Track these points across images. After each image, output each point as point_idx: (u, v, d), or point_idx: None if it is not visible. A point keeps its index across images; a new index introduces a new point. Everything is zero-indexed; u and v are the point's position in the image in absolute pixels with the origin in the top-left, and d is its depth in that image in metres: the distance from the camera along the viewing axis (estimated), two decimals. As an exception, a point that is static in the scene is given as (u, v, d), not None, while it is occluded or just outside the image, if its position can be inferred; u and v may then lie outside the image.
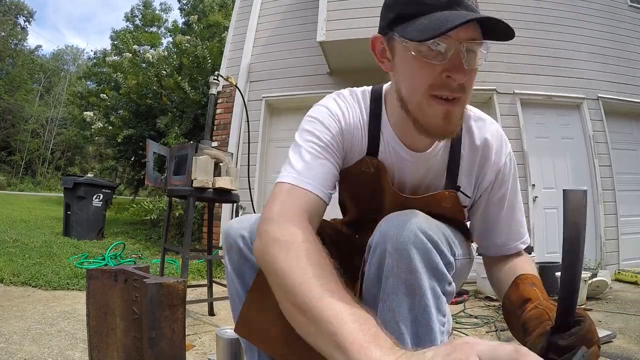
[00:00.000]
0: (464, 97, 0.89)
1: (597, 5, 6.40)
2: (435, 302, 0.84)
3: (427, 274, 0.82)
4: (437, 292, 0.84)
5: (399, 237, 0.83)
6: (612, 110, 5.93)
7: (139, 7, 26.42)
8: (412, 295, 0.82)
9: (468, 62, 0.85)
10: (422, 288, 0.81)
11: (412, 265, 0.81)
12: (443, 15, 0.79)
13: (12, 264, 4.02)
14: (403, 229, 0.83)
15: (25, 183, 31.09)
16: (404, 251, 0.81)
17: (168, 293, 0.72)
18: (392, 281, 0.83)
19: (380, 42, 0.97)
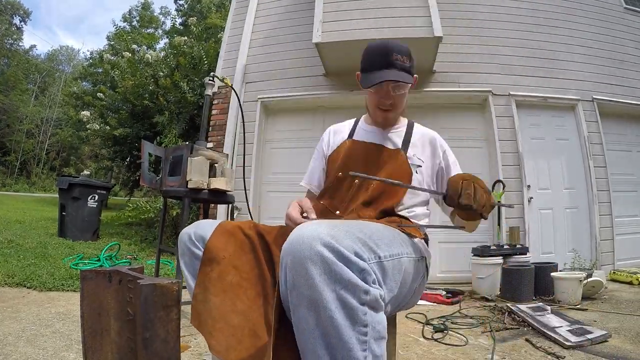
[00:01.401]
0: (395, 109, 1.58)
1: (592, 8, 6.45)
2: (347, 314, 0.82)
3: (331, 286, 0.82)
4: (349, 303, 0.82)
5: (296, 251, 0.84)
6: (607, 111, 5.96)
7: (137, 8, 26.35)
8: (315, 310, 0.82)
9: (393, 92, 1.52)
10: (324, 302, 0.81)
11: (309, 279, 0.81)
12: (378, 74, 1.45)
13: (7, 265, 4.01)
14: (301, 242, 0.84)
15: (20, 184, 30.90)
16: (300, 265, 0.82)
17: (162, 294, 0.72)
18: (295, 295, 0.85)
19: (358, 77, 1.56)
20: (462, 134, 5.72)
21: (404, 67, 1.45)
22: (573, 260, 5.10)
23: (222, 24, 11.22)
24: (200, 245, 1.25)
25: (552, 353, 2.41)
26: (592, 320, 3.20)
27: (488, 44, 5.92)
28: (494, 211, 5.24)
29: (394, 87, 1.50)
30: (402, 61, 1.45)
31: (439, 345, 2.65)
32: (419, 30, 4.90)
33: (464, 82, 5.74)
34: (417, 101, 5.70)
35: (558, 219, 5.58)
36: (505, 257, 4.51)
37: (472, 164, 5.59)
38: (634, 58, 6.34)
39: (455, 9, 6.00)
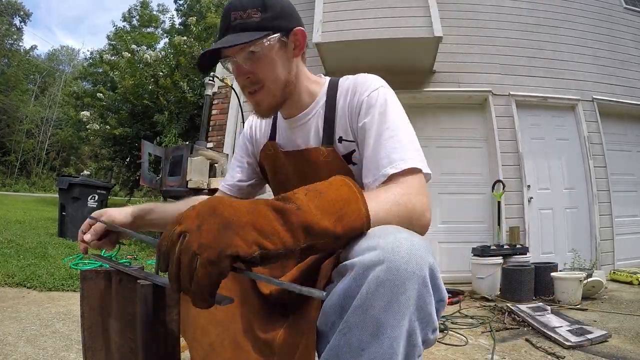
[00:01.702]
0: (263, 87, 1.08)
1: (592, 8, 6.45)
2: (406, 352, 0.65)
3: (412, 315, 0.64)
4: (415, 340, 0.66)
5: (399, 263, 0.63)
6: (607, 111, 5.96)
7: (137, 7, 26.35)
8: (379, 340, 0.63)
9: (241, 63, 1.05)
10: (395, 333, 0.63)
11: (395, 301, 0.63)
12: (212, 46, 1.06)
13: (7, 265, 4.01)
14: (400, 249, 0.65)
15: (20, 184, 30.92)
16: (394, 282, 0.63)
17: (162, 294, 0.72)
18: (359, 314, 0.64)
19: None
20: (462, 134, 5.72)
21: (244, 25, 1.02)
22: (573, 260, 5.09)
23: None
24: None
25: (552, 353, 2.41)
26: (592, 320, 3.20)
27: (488, 44, 5.92)
28: (494, 211, 5.27)
29: (246, 57, 1.05)
30: (244, 17, 1.03)
31: (439, 345, 2.65)
32: (419, 30, 4.89)
33: (464, 82, 5.74)
34: (417, 101, 5.70)
35: (558, 219, 5.57)
36: (505, 257, 4.51)
37: (472, 164, 5.60)
38: (634, 58, 6.34)
39: (455, 9, 6.00)
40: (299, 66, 1.16)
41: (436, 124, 5.78)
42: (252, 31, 1.02)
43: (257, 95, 1.09)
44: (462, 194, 5.49)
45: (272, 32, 1.04)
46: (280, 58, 1.08)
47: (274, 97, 1.10)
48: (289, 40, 1.09)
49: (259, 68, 1.06)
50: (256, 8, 1.02)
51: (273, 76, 1.08)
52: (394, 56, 5.27)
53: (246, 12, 1.02)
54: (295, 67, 1.13)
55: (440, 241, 5.34)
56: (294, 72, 1.13)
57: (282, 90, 1.11)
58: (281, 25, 1.06)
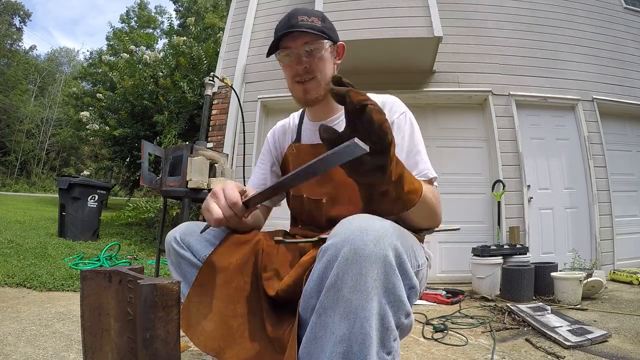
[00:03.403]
0: (314, 76, 1.29)
1: (592, 7, 6.45)
2: (381, 335, 0.69)
3: (380, 297, 0.68)
4: (388, 323, 0.69)
5: (358, 245, 0.68)
6: (607, 111, 5.96)
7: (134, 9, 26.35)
8: (351, 320, 0.66)
9: (305, 56, 1.27)
10: (365, 313, 0.66)
11: (361, 282, 0.67)
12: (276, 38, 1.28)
13: (7, 265, 4.01)
14: (366, 235, 0.69)
15: (20, 184, 30.94)
16: (356, 262, 0.67)
17: (162, 294, 0.72)
18: (331, 295, 0.69)
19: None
20: (462, 134, 5.72)
21: (309, 26, 1.24)
22: (573, 260, 5.09)
23: (220, 24, 11.23)
24: (185, 245, 1.22)
25: (552, 353, 2.41)
26: (592, 320, 3.20)
27: (488, 44, 5.92)
28: (494, 211, 5.28)
29: (306, 50, 1.26)
30: (309, 21, 1.25)
31: (439, 345, 2.65)
32: (419, 30, 4.89)
33: (464, 82, 5.74)
34: (417, 101, 5.70)
35: (558, 219, 5.57)
36: (505, 257, 4.51)
37: (472, 164, 5.60)
38: (634, 58, 6.34)
39: (455, 9, 6.00)
40: (338, 63, 1.39)
41: (436, 124, 5.78)
42: (316, 32, 1.24)
43: (308, 84, 1.29)
44: (462, 194, 5.49)
45: (328, 39, 1.28)
46: (329, 61, 1.32)
47: (320, 90, 1.31)
48: (336, 50, 1.36)
49: (314, 62, 1.27)
50: (318, 17, 1.27)
51: (324, 71, 1.30)
52: (394, 56, 5.27)
53: (311, 18, 1.26)
54: (333, 72, 1.35)
55: (440, 241, 5.34)
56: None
57: (325, 88, 1.31)
58: (333, 36, 1.31)
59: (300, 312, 0.78)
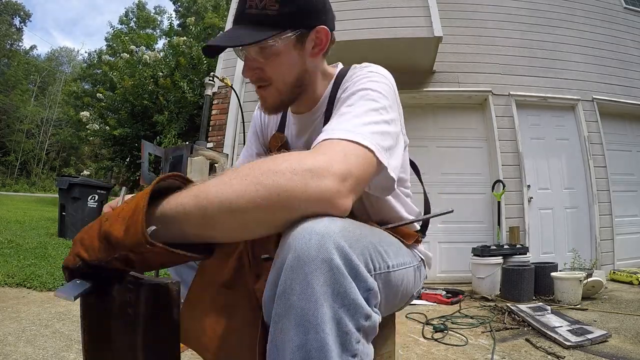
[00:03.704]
0: (271, 84, 1.03)
1: (592, 7, 6.45)
2: (340, 339, 0.65)
3: (332, 302, 0.65)
4: (345, 327, 0.66)
5: (301, 249, 0.65)
6: (607, 111, 5.96)
7: (133, 10, 26.36)
8: (304, 328, 0.64)
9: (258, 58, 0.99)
10: (318, 320, 0.64)
11: (307, 288, 0.64)
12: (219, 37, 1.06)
13: (7, 265, 4.01)
14: (309, 239, 0.65)
15: (20, 184, 30.95)
16: (300, 268, 0.64)
17: (163, 294, 0.72)
18: (282, 303, 0.66)
19: None
20: (462, 134, 5.72)
21: (258, 17, 0.95)
22: (573, 260, 5.09)
23: (220, 24, 11.24)
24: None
25: (552, 353, 2.41)
26: (592, 320, 3.21)
27: (488, 44, 5.92)
28: (494, 211, 5.27)
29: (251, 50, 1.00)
30: (260, 6, 0.94)
31: (439, 345, 2.65)
32: (419, 30, 4.89)
33: (464, 82, 5.74)
34: (417, 101, 5.70)
35: (558, 219, 5.57)
36: (505, 257, 4.51)
37: (472, 164, 5.60)
38: (634, 58, 6.34)
39: (455, 9, 6.00)
40: (317, 65, 1.09)
41: (436, 124, 5.78)
42: (265, 26, 0.94)
43: (264, 91, 1.05)
44: (462, 194, 5.49)
45: (289, 29, 0.96)
46: (293, 57, 1.01)
47: (280, 97, 1.06)
48: (309, 37, 1.01)
49: (268, 65, 1.00)
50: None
51: (282, 76, 1.02)
52: (394, 56, 5.26)
53: (263, 1, 0.94)
54: (312, 67, 1.07)
55: (440, 241, 5.34)
56: (310, 72, 1.07)
57: (291, 91, 1.06)
58: (301, 22, 0.98)
59: (264, 320, 0.75)
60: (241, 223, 0.69)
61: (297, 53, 1.01)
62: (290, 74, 1.03)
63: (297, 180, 0.67)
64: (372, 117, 0.86)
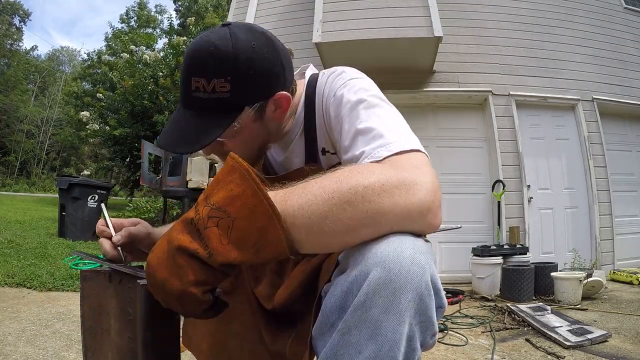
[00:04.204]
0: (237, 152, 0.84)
1: (592, 7, 6.45)
2: (406, 356, 0.63)
3: (412, 319, 0.62)
4: (414, 344, 0.64)
5: (394, 265, 0.61)
6: (607, 111, 5.96)
7: (134, 8, 26.35)
8: (379, 342, 0.61)
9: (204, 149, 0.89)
10: (396, 337, 0.61)
11: (395, 305, 0.61)
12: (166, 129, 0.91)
13: (7, 265, 4.01)
14: (402, 255, 0.62)
15: (20, 184, 30.92)
16: (390, 284, 0.61)
17: (162, 294, 0.72)
18: (358, 315, 0.62)
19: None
20: (462, 134, 5.72)
21: (207, 103, 0.84)
22: (573, 260, 5.09)
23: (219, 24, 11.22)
24: None
25: (552, 353, 2.41)
26: (592, 320, 3.20)
27: (488, 44, 5.92)
28: (494, 211, 5.27)
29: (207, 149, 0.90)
30: (208, 89, 0.82)
31: (439, 345, 2.65)
32: (419, 30, 4.89)
33: (464, 82, 5.74)
34: (417, 101, 5.70)
35: (558, 219, 5.57)
36: (505, 257, 4.51)
37: (472, 164, 5.60)
38: (634, 58, 6.34)
39: (455, 9, 6.00)
40: (281, 121, 0.99)
41: (436, 124, 5.78)
42: (217, 112, 0.85)
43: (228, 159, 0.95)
44: (462, 194, 5.49)
45: (246, 106, 0.86)
46: (255, 130, 0.93)
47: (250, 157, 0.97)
48: (268, 107, 0.91)
49: (230, 143, 0.91)
50: (224, 78, 0.81)
51: (244, 150, 0.93)
52: (394, 56, 5.27)
53: (211, 82, 0.81)
54: (275, 127, 0.98)
55: (440, 241, 5.34)
56: (274, 130, 0.98)
57: (257, 155, 1.01)
58: (258, 96, 0.88)
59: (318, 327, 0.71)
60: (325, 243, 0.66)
61: (258, 124, 0.92)
62: (253, 145, 0.96)
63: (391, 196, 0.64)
64: (391, 117, 0.82)
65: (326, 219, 0.61)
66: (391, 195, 0.63)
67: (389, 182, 0.64)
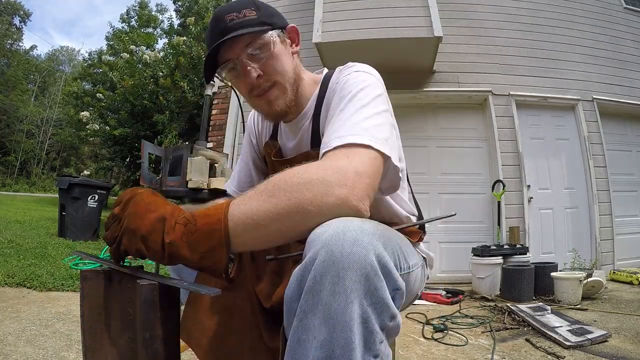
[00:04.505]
0: (275, 83, 1.05)
1: (592, 7, 6.45)
2: (364, 339, 0.65)
3: (362, 300, 0.64)
4: (371, 326, 0.66)
5: (336, 247, 0.65)
6: (607, 111, 5.96)
7: (135, 8, 26.32)
8: (331, 324, 0.63)
9: (254, 62, 1.02)
10: (346, 317, 0.63)
11: (341, 285, 0.63)
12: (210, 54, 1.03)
13: (7, 265, 4.00)
14: (344, 237, 0.66)
15: (20, 184, 30.90)
16: (335, 265, 0.64)
17: (162, 294, 0.72)
18: (309, 299, 0.65)
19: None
20: (462, 134, 5.72)
21: (243, 23, 0.99)
22: (573, 260, 5.09)
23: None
24: None
25: (552, 353, 2.41)
26: (592, 320, 3.20)
27: (488, 44, 5.92)
28: (494, 211, 5.27)
29: (250, 54, 1.02)
30: (240, 17, 1.00)
31: (439, 345, 2.65)
32: (419, 30, 4.89)
33: (464, 82, 5.74)
34: (417, 101, 5.70)
35: (558, 219, 5.57)
36: (505, 257, 4.51)
37: (472, 164, 5.60)
38: (634, 58, 6.34)
39: (455, 9, 6.00)
40: (299, 65, 1.13)
41: (436, 124, 5.78)
42: (253, 27, 0.99)
43: (270, 94, 1.06)
44: (462, 194, 5.49)
45: (271, 27, 1.02)
46: (285, 53, 1.06)
47: (287, 95, 1.07)
48: (285, 37, 1.08)
49: (267, 64, 1.02)
50: (250, 7, 1.01)
51: (283, 70, 1.05)
52: (394, 56, 5.27)
53: (241, 12, 1.00)
54: (297, 65, 1.12)
55: (440, 241, 5.34)
56: (298, 70, 1.11)
57: (292, 86, 1.08)
58: (277, 22, 1.05)
59: (284, 316, 0.74)
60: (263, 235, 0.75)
61: (284, 49, 1.07)
62: (289, 69, 1.07)
63: (313, 192, 0.72)
64: (363, 114, 0.90)
65: (257, 212, 0.73)
66: (312, 186, 0.72)
67: (312, 176, 0.74)
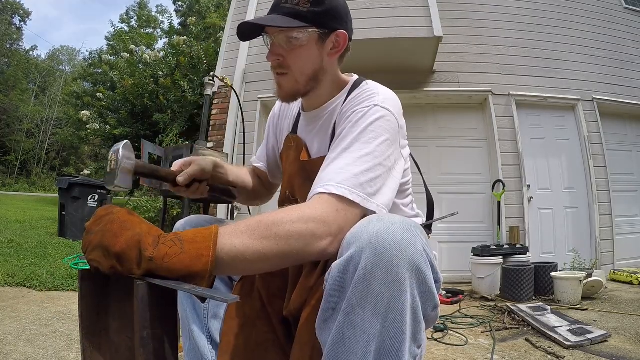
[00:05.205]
0: (289, 73, 1.10)
1: (592, 7, 6.45)
2: (413, 329, 0.64)
3: (413, 289, 0.64)
4: (419, 316, 0.65)
5: (386, 235, 0.64)
6: (607, 111, 5.96)
7: (134, 8, 26.33)
8: (382, 315, 0.62)
9: (283, 46, 1.07)
10: (399, 305, 0.62)
11: (394, 274, 0.62)
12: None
13: (7, 265, 4.01)
14: (392, 226, 0.66)
15: (20, 183, 30.93)
16: (386, 253, 0.63)
17: (160, 293, 0.72)
18: (359, 290, 0.64)
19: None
20: (462, 134, 5.72)
21: (291, 11, 1.03)
22: (573, 260, 5.09)
23: (221, 24, 11.23)
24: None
25: (552, 353, 2.41)
26: (592, 320, 3.20)
27: (488, 44, 5.92)
28: (494, 211, 5.27)
29: (278, 38, 1.08)
30: (294, 3, 1.03)
31: (439, 345, 2.65)
32: (419, 30, 4.89)
33: (464, 82, 5.74)
34: (417, 101, 5.70)
35: (558, 219, 5.57)
36: (505, 257, 4.51)
37: (472, 164, 5.60)
38: (634, 58, 6.34)
39: (455, 9, 5.99)
40: (332, 66, 1.16)
41: (436, 124, 5.78)
42: (296, 19, 1.03)
43: (282, 79, 1.12)
44: (462, 194, 5.49)
45: (314, 26, 1.05)
46: (313, 53, 1.09)
47: (295, 86, 1.12)
48: (329, 39, 1.10)
49: (290, 55, 1.08)
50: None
51: (301, 67, 1.09)
52: (394, 56, 5.26)
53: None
54: (327, 65, 1.13)
55: (440, 241, 5.34)
56: (325, 70, 1.13)
57: (306, 82, 1.11)
58: (326, 23, 1.07)
59: (320, 311, 0.73)
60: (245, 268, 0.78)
61: (317, 49, 1.09)
62: (308, 67, 1.10)
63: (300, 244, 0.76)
64: (362, 166, 0.90)
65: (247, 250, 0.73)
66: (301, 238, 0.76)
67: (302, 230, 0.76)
